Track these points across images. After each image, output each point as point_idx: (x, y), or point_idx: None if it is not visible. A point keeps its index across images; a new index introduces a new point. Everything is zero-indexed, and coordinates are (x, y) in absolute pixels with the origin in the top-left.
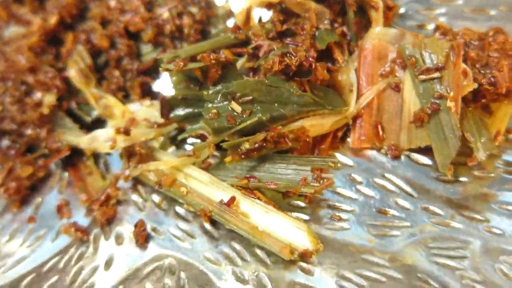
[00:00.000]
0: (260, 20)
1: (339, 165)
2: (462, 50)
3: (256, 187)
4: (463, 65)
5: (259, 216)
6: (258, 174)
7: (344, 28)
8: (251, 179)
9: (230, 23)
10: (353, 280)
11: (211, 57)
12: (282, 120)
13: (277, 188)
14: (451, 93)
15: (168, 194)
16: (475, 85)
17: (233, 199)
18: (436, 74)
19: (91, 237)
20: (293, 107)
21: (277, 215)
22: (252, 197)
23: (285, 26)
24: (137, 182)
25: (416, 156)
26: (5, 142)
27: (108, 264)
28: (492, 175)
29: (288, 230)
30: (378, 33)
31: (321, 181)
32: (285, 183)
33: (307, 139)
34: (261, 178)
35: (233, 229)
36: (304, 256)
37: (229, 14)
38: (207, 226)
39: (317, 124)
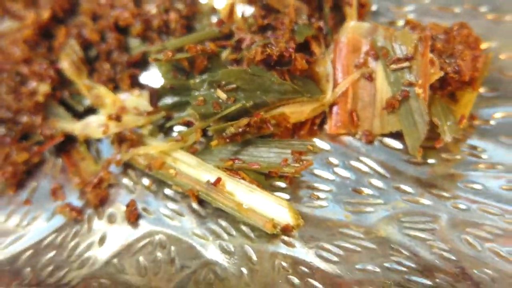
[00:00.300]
0: (242, 15)
1: (317, 148)
2: (429, 41)
3: (240, 168)
4: (430, 55)
5: (244, 194)
6: (242, 157)
7: (321, 23)
8: (236, 161)
9: (214, 19)
10: (331, 250)
11: (198, 48)
12: (264, 106)
13: (260, 168)
14: (420, 81)
15: (158, 176)
16: (442, 73)
17: (219, 179)
18: (406, 64)
19: (85, 217)
20: (274, 95)
21: (261, 194)
22: (237, 178)
23: (266, 21)
24: (127, 167)
25: (388, 140)
26: (1, 129)
27: (102, 240)
28: (458, 157)
29: (270, 207)
30: (352, 27)
31: (301, 163)
32: (267, 164)
33: (288, 125)
34: (245, 160)
35: (220, 207)
36: (286, 230)
37: (213, 10)
38: (195, 205)
39: (296, 111)
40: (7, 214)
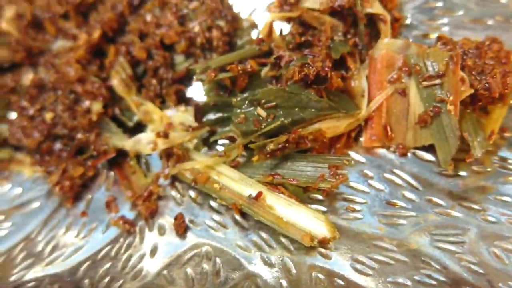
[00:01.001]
0: (281, 32)
1: (352, 162)
2: (460, 59)
3: (280, 183)
4: (461, 73)
5: (283, 208)
6: (281, 171)
7: (356, 39)
8: (276, 176)
9: (254, 34)
10: (366, 263)
11: (239, 68)
12: (302, 123)
13: (298, 183)
14: (451, 98)
15: (203, 190)
16: (472, 91)
17: (260, 193)
18: (438, 81)
19: (137, 229)
20: (311, 112)
21: (299, 207)
22: (277, 192)
23: (303, 38)
24: (175, 179)
25: (421, 153)
26: (58, 145)
27: (153, 252)
28: (489, 169)
29: (308, 220)
30: (386, 43)
31: (337, 177)
32: (305, 179)
33: (324, 140)
34: (284, 175)
35: (261, 220)
36: (323, 242)
37: (253, 26)
38: (238, 217)
39: (333, 126)
40: (66, 226)
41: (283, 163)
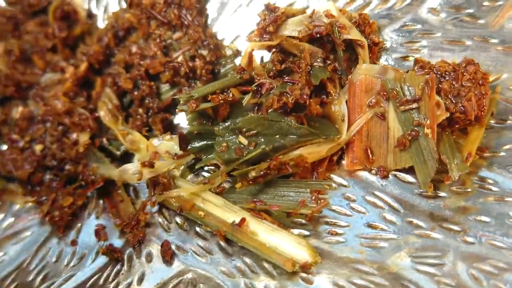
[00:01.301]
0: (262, 60)
1: (334, 186)
2: (435, 83)
3: (262, 209)
4: (437, 97)
5: (265, 234)
6: (264, 197)
7: (336, 64)
8: (258, 203)
9: (238, 61)
10: (346, 287)
11: (220, 97)
12: (283, 149)
13: (280, 209)
14: (427, 121)
15: (189, 216)
16: (447, 114)
17: (243, 220)
18: (414, 105)
19: (125, 256)
20: (292, 138)
21: (281, 233)
22: (260, 218)
23: (283, 66)
24: (162, 206)
25: (402, 175)
26: (48, 176)
27: (140, 279)
28: (469, 190)
29: (290, 245)
30: (364, 69)
31: (318, 202)
32: (287, 205)
33: (306, 165)
34: (267, 201)
35: (244, 246)
36: (305, 267)
37: (236, 53)
38: (223, 243)
39: (314, 152)
40: (57, 255)
41: (266, 189)
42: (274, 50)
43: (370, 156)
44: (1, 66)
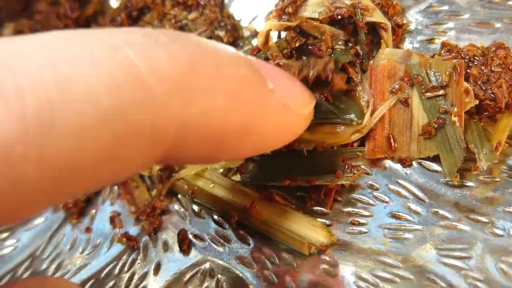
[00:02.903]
0: (279, 36)
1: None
2: (463, 70)
3: (297, 185)
4: (465, 84)
5: (278, 217)
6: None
7: (357, 48)
8: (291, 179)
9: (255, 42)
10: (370, 280)
11: None
12: None
13: (316, 183)
14: (455, 109)
15: (200, 202)
16: (476, 102)
17: (254, 203)
18: (441, 92)
19: (141, 245)
20: None
21: (294, 216)
22: (271, 200)
23: (298, 44)
24: (175, 193)
25: (427, 163)
26: None
27: (156, 269)
28: (497, 179)
29: (304, 227)
30: (387, 53)
31: (354, 171)
32: (323, 178)
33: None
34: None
35: (258, 231)
36: (321, 249)
37: (254, 34)
38: (241, 231)
39: (332, 133)
40: (71, 243)
41: (294, 163)
42: (292, 31)
43: (393, 144)
44: None
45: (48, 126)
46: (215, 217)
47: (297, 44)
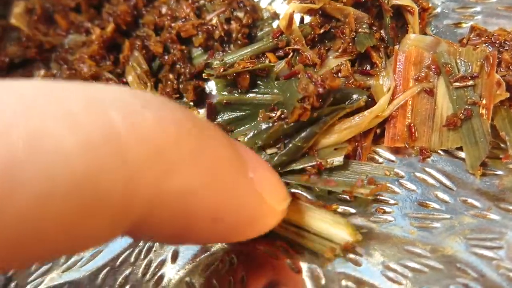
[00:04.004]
0: (302, 20)
1: (393, 173)
2: (496, 60)
3: (315, 183)
4: (497, 76)
5: (301, 216)
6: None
7: (382, 32)
8: (312, 176)
9: (275, 24)
10: (398, 270)
11: (245, 64)
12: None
13: (336, 186)
14: (484, 101)
15: None
16: (507, 95)
17: None
18: (470, 82)
19: None
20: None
21: (316, 214)
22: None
23: (322, 30)
24: None
25: (455, 151)
26: None
27: (173, 257)
28: None
29: (328, 226)
30: (414, 39)
31: (376, 185)
32: (343, 183)
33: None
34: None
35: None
36: (346, 249)
37: (274, 16)
38: None
39: (351, 126)
40: None
41: None
42: (315, 14)
43: (414, 133)
44: (22, 26)
45: (8, 190)
46: None
47: (321, 31)
